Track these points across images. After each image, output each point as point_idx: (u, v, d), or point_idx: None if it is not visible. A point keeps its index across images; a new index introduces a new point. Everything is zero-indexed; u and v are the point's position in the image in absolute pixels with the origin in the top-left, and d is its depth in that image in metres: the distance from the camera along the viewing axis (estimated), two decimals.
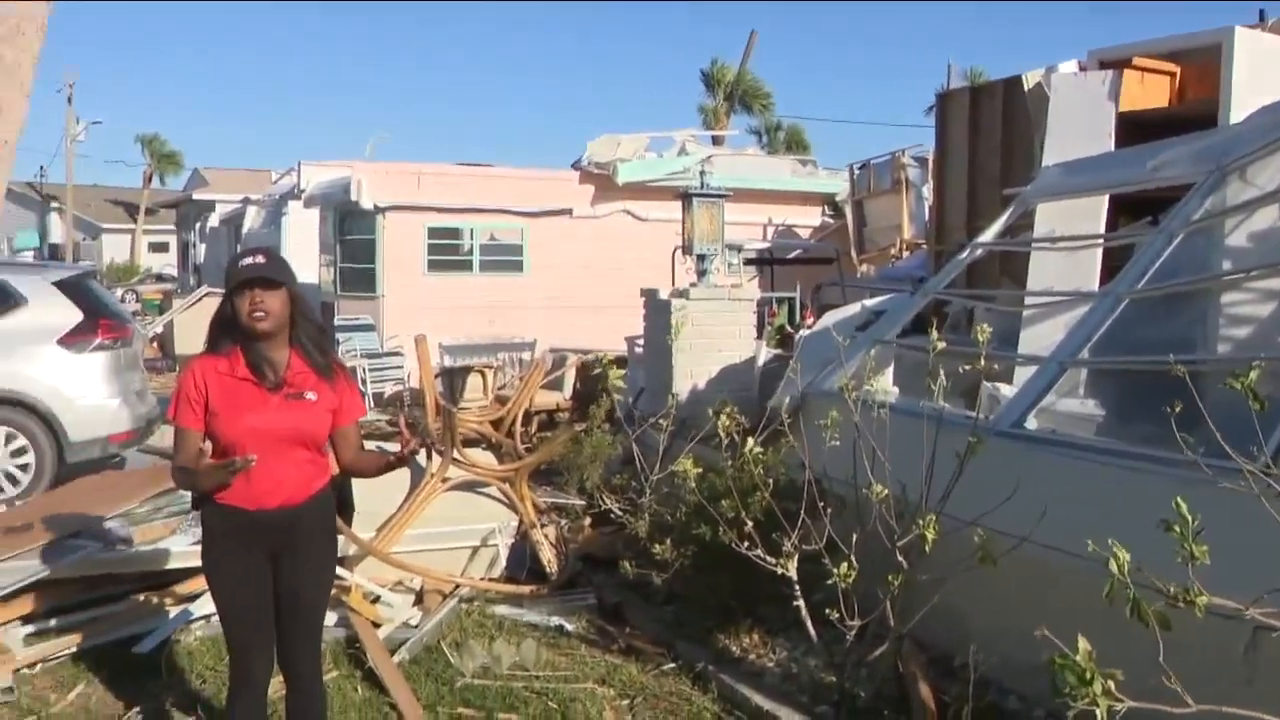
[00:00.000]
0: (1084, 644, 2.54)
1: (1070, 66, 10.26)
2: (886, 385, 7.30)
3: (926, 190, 16.15)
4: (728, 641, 6.13)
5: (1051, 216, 8.31)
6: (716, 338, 9.42)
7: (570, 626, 6.58)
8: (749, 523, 5.31)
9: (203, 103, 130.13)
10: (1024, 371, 6.87)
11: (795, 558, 5.19)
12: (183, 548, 6.71)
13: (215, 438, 3.99)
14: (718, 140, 29.20)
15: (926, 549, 4.67)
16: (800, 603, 5.27)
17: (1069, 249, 8.05)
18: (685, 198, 10.09)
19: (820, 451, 5.44)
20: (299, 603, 4.16)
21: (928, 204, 15.54)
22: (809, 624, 5.34)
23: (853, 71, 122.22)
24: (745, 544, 5.24)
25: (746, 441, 5.54)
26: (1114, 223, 8.42)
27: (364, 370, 16.29)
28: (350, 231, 19.90)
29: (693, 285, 9.75)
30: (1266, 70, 8.65)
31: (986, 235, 8.50)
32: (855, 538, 5.01)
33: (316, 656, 4.32)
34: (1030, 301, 7.93)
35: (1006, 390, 6.71)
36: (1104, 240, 7.92)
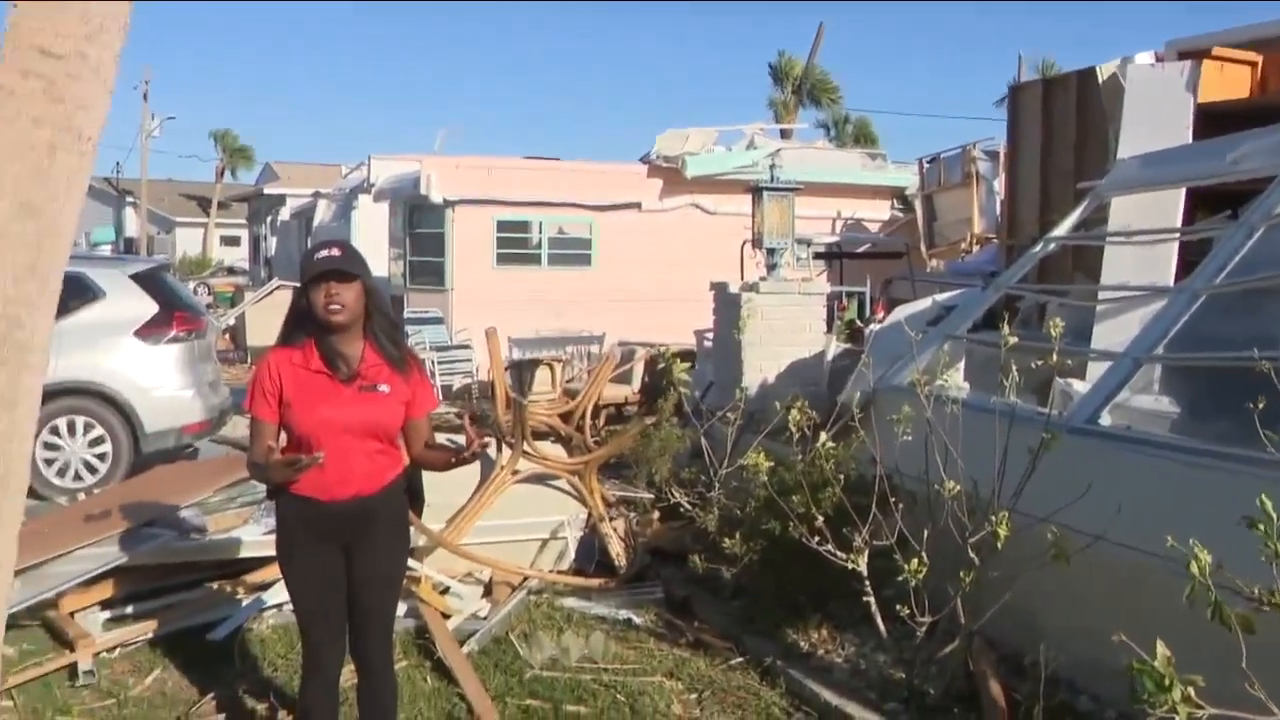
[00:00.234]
0: (1162, 649, 2.50)
1: (1146, 57, 10.08)
2: (958, 380, 7.25)
3: (997, 184, 15.98)
4: (796, 636, 6.10)
5: (1126, 210, 8.18)
6: (786, 332, 9.38)
7: (638, 620, 6.59)
8: (819, 518, 5.29)
9: (275, 98, 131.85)
10: (1097, 367, 6.78)
11: (866, 553, 5.16)
12: (255, 537, 6.80)
13: (289, 429, 4.06)
14: (786, 134, 29.05)
15: (999, 546, 4.63)
16: (870, 598, 5.25)
17: (1144, 243, 7.93)
18: (756, 191, 10.06)
19: (891, 447, 5.42)
20: (370, 593, 4.19)
21: (998, 198, 15.39)
22: (879, 620, 5.32)
23: (921, 64, 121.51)
24: (816, 539, 5.22)
25: (818, 436, 5.51)
26: (1191, 217, 8.28)
27: (433, 363, 16.37)
28: (419, 225, 19.99)
29: (762, 279, 9.72)
30: None
31: (1060, 229, 8.39)
32: (926, 534, 4.98)
33: (387, 646, 4.35)
34: (1104, 296, 7.82)
35: (1079, 386, 6.63)
36: (1180, 234, 7.79)
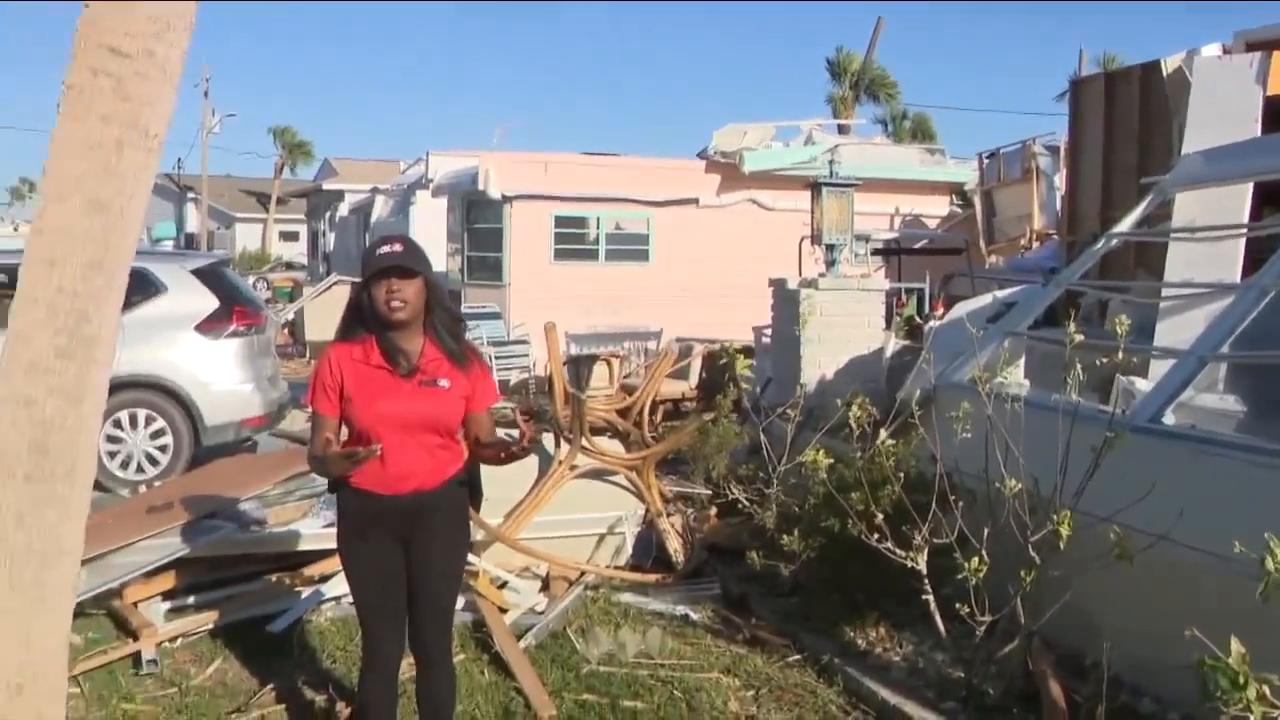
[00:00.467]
0: (1237, 646, 2.47)
1: (1213, 50, 9.95)
2: (1018, 378, 7.20)
3: (1058, 179, 15.83)
4: (853, 634, 6.07)
5: (1191, 206, 8.07)
6: (845, 328, 9.32)
7: (695, 616, 6.58)
8: (879, 515, 5.26)
9: (334, 94, 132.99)
10: (1159, 365, 6.69)
11: (925, 551, 5.13)
12: (314, 530, 6.84)
13: (350, 423, 4.08)
14: (844, 129, 28.86)
15: (1060, 545, 4.59)
16: (930, 597, 5.22)
17: (1210, 239, 7.82)
18: (814, 187, 10.02)
19: (951, 444, 5.37)
20: (429, 586, 4.21)
21: (1059, 194, 15.24)
22: (938, 618, 5.29)
23: (980, 59, 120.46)
24: (875, 536, 5.19)
25: (877, 433, 5.49)
26: (1258, 212, 8.17)
27: (490, 358, 16.45)
28: (477, 220, 20.09)
29: (821, 275, 9.66)
30: None
31: (1123, 225, 8.28)
32: (986, 532, 4.94)
33: (446, 639, 4.37)
34: (1167, 293, 7.72)
35: (1142, 384, 6.54)
36: (1248, 230, 7.68)
